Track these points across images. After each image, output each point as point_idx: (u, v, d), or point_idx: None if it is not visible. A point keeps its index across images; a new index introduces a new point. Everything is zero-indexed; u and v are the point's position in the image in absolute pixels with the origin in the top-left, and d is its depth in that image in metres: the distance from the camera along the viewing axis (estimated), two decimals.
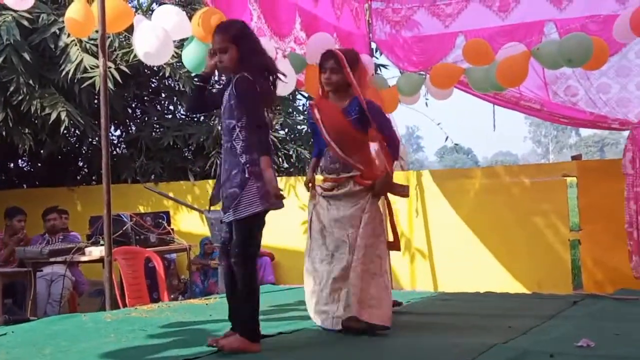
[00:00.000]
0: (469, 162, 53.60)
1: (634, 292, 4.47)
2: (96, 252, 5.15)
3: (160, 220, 5.78)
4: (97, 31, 4.62)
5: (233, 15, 4.85)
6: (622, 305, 4.07)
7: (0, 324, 4.05)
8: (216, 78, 5.50)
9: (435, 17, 5.95)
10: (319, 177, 3.74)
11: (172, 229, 5.96)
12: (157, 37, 4.58)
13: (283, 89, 4.01)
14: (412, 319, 3.81)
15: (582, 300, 4.25)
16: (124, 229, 5.45)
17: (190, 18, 4.89)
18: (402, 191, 3.70)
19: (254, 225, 2.93)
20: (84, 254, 5.26)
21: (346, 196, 3.54)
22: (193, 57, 4.93)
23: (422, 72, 5.89)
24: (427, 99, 6.29)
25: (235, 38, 2.97)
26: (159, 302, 4.99)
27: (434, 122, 7.02)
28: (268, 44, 4.96)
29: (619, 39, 4.77)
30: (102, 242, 4.96)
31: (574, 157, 6.67)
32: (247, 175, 2.87)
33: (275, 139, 8.18)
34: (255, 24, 5.05)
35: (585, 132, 52.62)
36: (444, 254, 6.78)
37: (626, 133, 5.58)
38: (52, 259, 5.35)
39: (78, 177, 9.65)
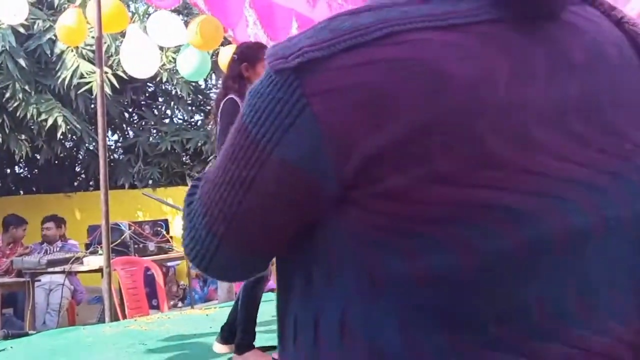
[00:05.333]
0: None
1: None
2: (95, 262, 5.10)
3: (159, 229, 5.74)
4: (93, 37, 4.60)
5: (229, 22, 4.82)
6: None
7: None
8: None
9: None
10: None
11: (171, 237, 5.92)
12: (143, 52, 4.57)
13: None
14: None
15: None
16: (122, 238, 5.41)
17: (185, 24, 4.86)
18: None
19: None
20: (82, 263, 5.22)
21: None
22: (189, 64, 4.91)
23: None
24: None
25: None
26: (158, 313, 4.96)
27: None
28: None
29: None
30: (100, 251, 4.92)
31: None
32: None
33: None
34: (251, 30, 5.01)
35: None
36: None
37: None
38: (50, 269, 5.30)
39: (75, 183, 9.62)
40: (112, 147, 9.41)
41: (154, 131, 9.02)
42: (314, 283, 0.64)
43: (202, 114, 9.28)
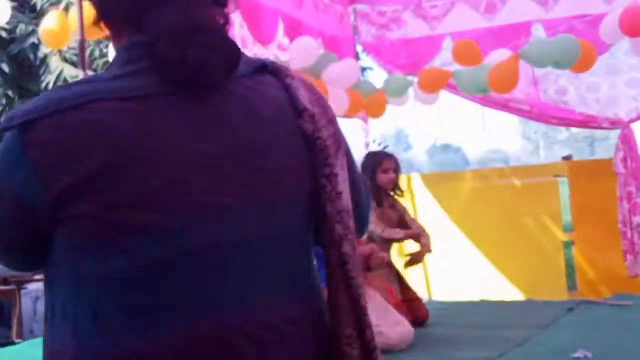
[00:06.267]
0: (458, 160, 53.59)
1: (628, 296, 4.42)
2: None
3: None
4: (77, 40, 4.53)
5: None
6: (618, 312, 4.01)
7: None
8: None
9: (422, 19, 5.87)
10: None
11: None
12: None
13: None
14: None
15: (577, 306, 4.19)
16: None
17: None
18: None
19: None
20: None
21: None
22: None
23: (410, 75, 5.80)
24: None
25: None
26: None
27: (422, 124, 6.98)
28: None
29: (607, 40, 4.71)
30: None
31: (565, 158, 6.62)
32: None
33: None
34: (237, 32, 4.96)
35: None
36: (437, 258, 6.71)
37: (617, 130, 5.53)
38: (37, 277, 5.24)
39: None
40: None
41: None
42: (52, 278, 0.90)
43: None
